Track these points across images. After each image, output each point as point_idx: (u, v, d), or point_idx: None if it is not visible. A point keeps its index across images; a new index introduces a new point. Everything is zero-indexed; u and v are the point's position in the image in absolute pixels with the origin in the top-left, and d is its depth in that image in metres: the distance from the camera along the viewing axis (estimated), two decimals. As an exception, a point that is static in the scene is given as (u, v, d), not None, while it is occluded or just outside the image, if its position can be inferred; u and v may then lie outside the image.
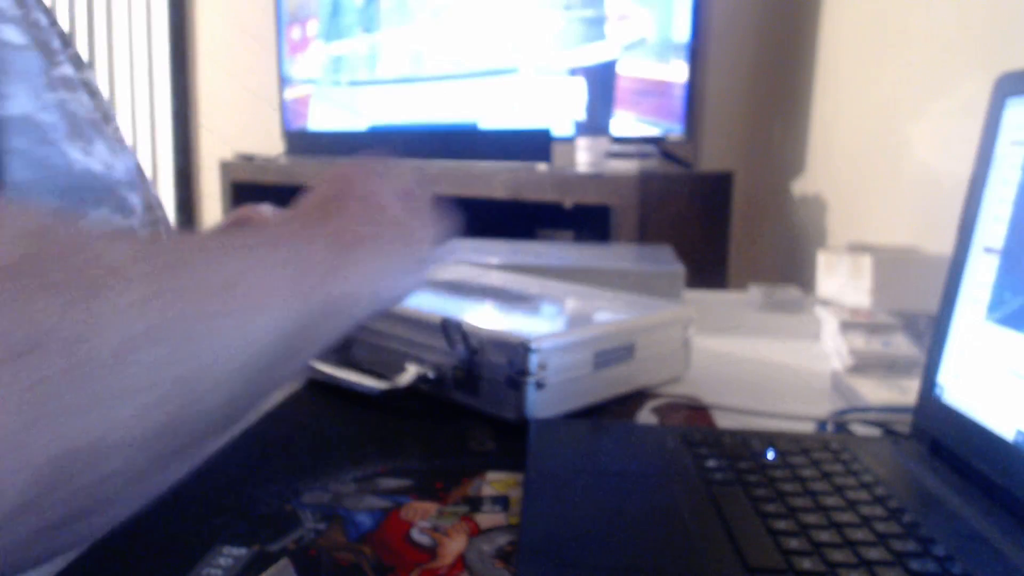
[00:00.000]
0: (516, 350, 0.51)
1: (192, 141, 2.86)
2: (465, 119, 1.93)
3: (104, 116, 0.49)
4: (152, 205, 0.53)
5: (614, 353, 0.58)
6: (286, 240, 0.34)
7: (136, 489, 0.25)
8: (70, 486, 0.21)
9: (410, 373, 0.56)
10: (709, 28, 1.74)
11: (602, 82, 1.74)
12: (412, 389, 0.56)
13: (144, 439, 0.23)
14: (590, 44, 1.75)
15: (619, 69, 1.72)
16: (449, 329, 0.54)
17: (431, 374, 0.56)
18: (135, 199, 0.47)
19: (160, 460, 0.25)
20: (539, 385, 0.52)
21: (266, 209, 0.71)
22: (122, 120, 2.79)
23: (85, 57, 2.50)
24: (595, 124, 1.75)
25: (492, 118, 1.89)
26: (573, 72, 1.78)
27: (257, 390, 0.30)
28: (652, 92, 1.68)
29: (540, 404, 0.52)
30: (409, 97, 2.04)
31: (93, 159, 0.44)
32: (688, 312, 0.65)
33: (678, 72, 1.64)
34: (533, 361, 0.51)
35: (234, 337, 0.27)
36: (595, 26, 1.74)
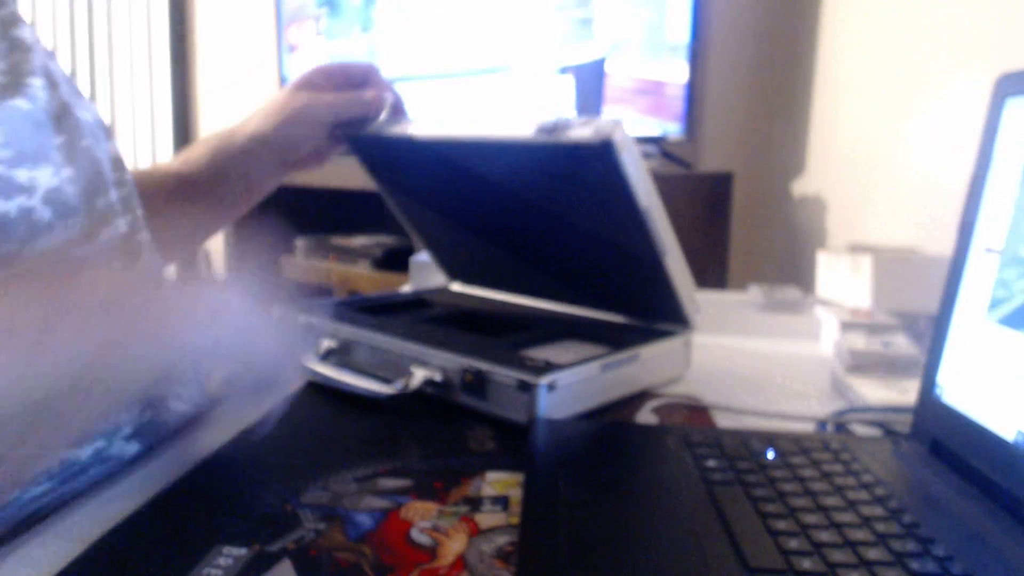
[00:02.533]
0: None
1: (192, 141, 2.86)
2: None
3: (16, 73, 0.44)
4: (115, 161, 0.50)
5: (622, 357, 0.58)
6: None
7: None
8: None
9: (418, 377, 0.56)
10: (709, 28, 1.73)
11: (592, 81, 1.74)
12: (418, 392, 0.56)
13: None
14: (581, 43, 1.75)
15: (618, 69, 1.72)
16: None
17: (438, 377, 0.56)
18: (30, 174, 0.42)
19: None
20: (550, 388, 0.52)
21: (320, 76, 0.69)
22: (122, 121, 2.79)
23: (85, 57, 2.48)
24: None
25: (486, 116, 1.89)
26: (563, 71, 1.78)
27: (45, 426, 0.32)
28: (652, 92, 1.68)
29: (550, 407, 0.52)
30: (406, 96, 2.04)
31: None
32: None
33: (678, 72, 1.64)
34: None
35: None
36: (587, 25, 1.74)
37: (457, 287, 0.84)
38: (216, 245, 2.85)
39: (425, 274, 0.92)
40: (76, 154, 0.46)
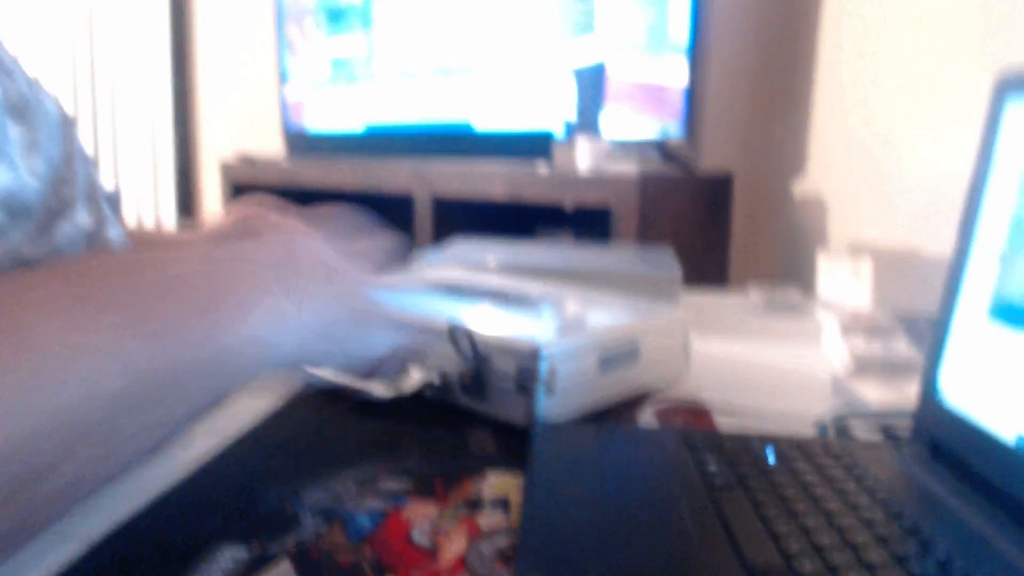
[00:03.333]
0: (526, 356, 0.51)
1: (192, 141, 2.87)
2: (458, 118, 1.93)
3: None
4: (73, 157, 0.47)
5: (620, 357, 0.58)
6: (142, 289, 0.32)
7: None
8: None
9: (415, 378, 0.56)
10: (709, 28, 1.74)
11: (593, 82, 1.74)
12: (416, 394, 0.56)
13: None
14: (583, 44, 1.75)
15: (617, 69, 1.72)
16: (457, 336, 0.54)
17: (436, 379, 0.56)
18: None
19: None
20: (548, 389, 0.51)
21: (268, 205, 0.71)
22: (123, 121, 2.79)
23: (85, 58, 2.49)
24: (587, 123, 1.75)
25: (485, 117, 1.89)
26: (566, 71, 1.78)
27: (79, 452, 0.28)
28: (652, 92, 1.68)
29: (549, 408, 0.52)
30: (406, 96, 2.04)
31: None
32: (688, 315, 0.66)
33: (678, 73, 1.64)
34: (543, 366, 0.52)
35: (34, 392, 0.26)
36: (587, 26, 1.74)
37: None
38: (216, 245, 2.84)
39: (425, 275, 0.92)
40: (37, 146, 0.43)
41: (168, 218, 2.78)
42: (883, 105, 1.26)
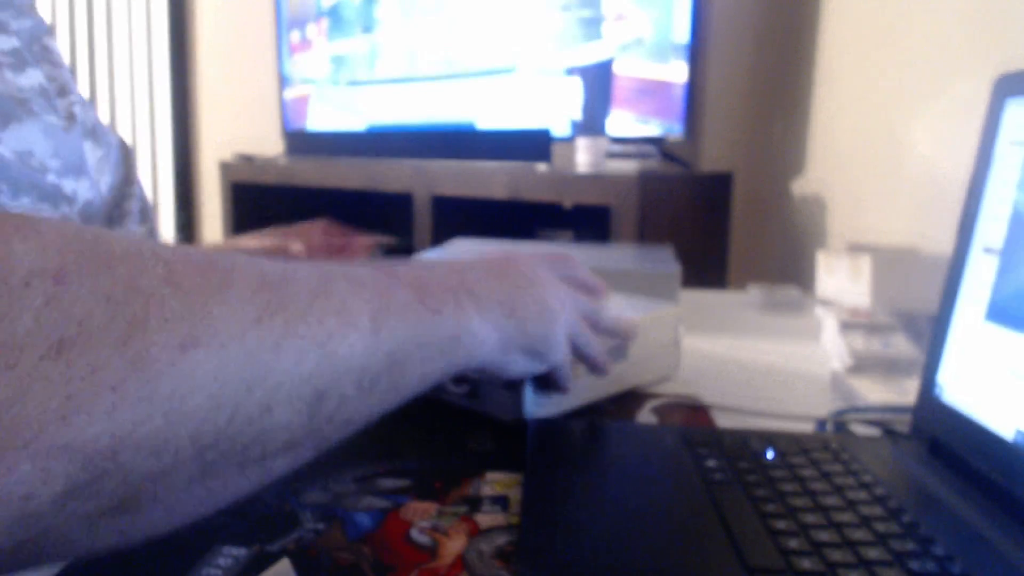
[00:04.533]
0: None
1: (192, 141, 2.87)
2: (463, 119, 1.93)
3: (60, 90, 0.43)
4: (138, 201, 0.51)
5: (609, 353, 0.58)
6: (383, 276, 0.35)
7: (191, 494, 0.26)
8: (120, 476, 0.22)
9: None
10: (709, 28, 1.74)
11: (599, 82, 1.74)
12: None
13: (199, 441, 0.24)
14: (588, 44, 1.75)
15: (618, 69, 1.72)
16: None
17: None
18: (74, 185, 0.43)
19: (215, 468, 0.26)
20: (536, 386, 0.52)
21: (249, 242, 0.72)
22: (122, 121, 2.79)
23: (85, 58, 2.48)
24: (592, 124, 1.75)
25: (490, 118, 1.89)
26: (570, 72, 1.78)
27: (333, 417, 0.31)
28: (652, 92, 1.68)
29: (537, 405, 0.52)
30: (408, 97, 2.04)
31: (1, 145, 0.38)
32: (679, 311, 0.65)
33: (678, 72, 1.64)
34: None
35: (310, 355, 0.28)
36: (593, 26, 1.74)
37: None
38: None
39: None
40: (107, 167, 0.47)
41: (167, 216, 2.78)
42: (882, 104, 1.26)
